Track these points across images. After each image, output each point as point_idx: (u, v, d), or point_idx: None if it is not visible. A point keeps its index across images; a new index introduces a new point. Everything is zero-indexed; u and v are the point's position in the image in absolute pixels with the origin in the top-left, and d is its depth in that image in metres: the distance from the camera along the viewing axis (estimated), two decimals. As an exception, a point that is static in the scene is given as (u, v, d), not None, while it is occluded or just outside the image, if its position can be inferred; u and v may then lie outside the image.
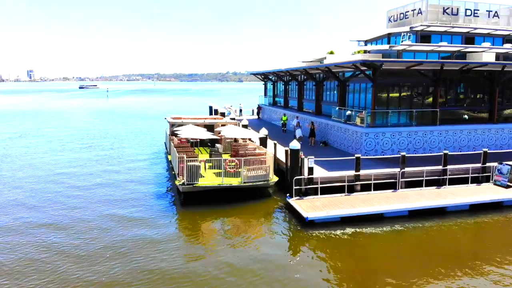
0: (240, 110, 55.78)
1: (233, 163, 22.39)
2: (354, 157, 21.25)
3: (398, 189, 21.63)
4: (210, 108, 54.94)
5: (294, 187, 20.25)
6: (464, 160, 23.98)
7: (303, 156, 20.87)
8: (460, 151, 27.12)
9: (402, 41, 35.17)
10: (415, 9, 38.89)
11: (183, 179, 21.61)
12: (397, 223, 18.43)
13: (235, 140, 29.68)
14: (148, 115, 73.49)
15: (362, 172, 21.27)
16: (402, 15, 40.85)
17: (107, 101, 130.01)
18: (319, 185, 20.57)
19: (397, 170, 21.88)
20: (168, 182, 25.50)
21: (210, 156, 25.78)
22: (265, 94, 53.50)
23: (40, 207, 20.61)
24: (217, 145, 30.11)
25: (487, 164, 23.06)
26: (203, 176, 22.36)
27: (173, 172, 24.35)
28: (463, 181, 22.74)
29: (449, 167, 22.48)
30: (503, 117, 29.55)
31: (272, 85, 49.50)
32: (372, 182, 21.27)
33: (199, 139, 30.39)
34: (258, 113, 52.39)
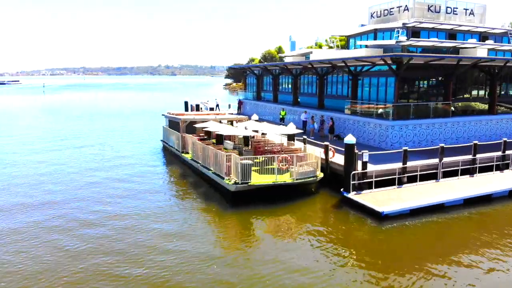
0: (217, 106, 54.63)
1: (284, 160, 21.93)
2: (403, 151, 21.80)
3: (439, 179, 22.58)
4: (186, 103, 53.30)
5: (351, 182, 20.35)
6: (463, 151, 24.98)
7: (356, 151, 20.98)
8: (469, 141, 28.81)
9: (395, 36, 36.48)
10: (401, 6, 40.53)
11: (233, 178, 20.83)
12: (456, 211, 19.24)
13: (250, 136, 29.00)
14: (112, 113, 68.86)
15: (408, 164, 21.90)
16: (386, 11, 42.33)
17: (46, 97, 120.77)
18: (374, 179, 20.86)
19: (436, 160, 22.82)
20: (201, 183, 24.37)
21: (241, 154, 25.04)
22: (245, 89, 52.87)
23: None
24: (228, 141, 29.21)
25: (506, 152, 24.89)
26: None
27: (211, 170, 23.17)
28: (488, 169, 24.30)
29: (478, 156, 23.91)
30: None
31: (256, 80, 48.98)
32: (418, 173, 22.00)
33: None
34: (238, 108, 51.77)
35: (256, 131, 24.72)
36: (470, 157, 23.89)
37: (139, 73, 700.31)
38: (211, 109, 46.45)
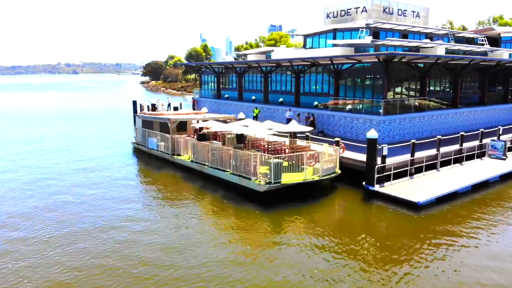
0: (169, 105, 52.81)
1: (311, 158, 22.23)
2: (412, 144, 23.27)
3: (438, 169, 24.55)
4: (134, 103, 50.64)
5: (376, 175, 21.31)
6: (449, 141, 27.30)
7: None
8: (440, 132, 31.58)
9: (359, 36, 38.52)
10: (358, 7, 42.88)
11: (263, 178, 20.56)
12: (468, 196, 21.20)
13: (242, 135, 28.71)
14: (50, 116, 61.46)
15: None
16: (343, 12, 44.44)
17: None
18: (392, 171, 22.04)
19: (434, 151, 24.76)
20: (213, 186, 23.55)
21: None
22: (201, 87, 51.77)
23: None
24: (215, 141, 28.59)
25: (483, 142, 27.89)
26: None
27: (227, 172, 22.52)
28: (471, 157, 26.98)
29: (463, 146, 26.41)
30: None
31: (216, 77, 48.14)
32: (424, 164, 23.70)
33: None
34: (193, 107, 50.66)
35: (270, 129, 24.49)
36: (457, 147, 26.31)
37: (36, 72, 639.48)
38: (175, 108, 44.68)
